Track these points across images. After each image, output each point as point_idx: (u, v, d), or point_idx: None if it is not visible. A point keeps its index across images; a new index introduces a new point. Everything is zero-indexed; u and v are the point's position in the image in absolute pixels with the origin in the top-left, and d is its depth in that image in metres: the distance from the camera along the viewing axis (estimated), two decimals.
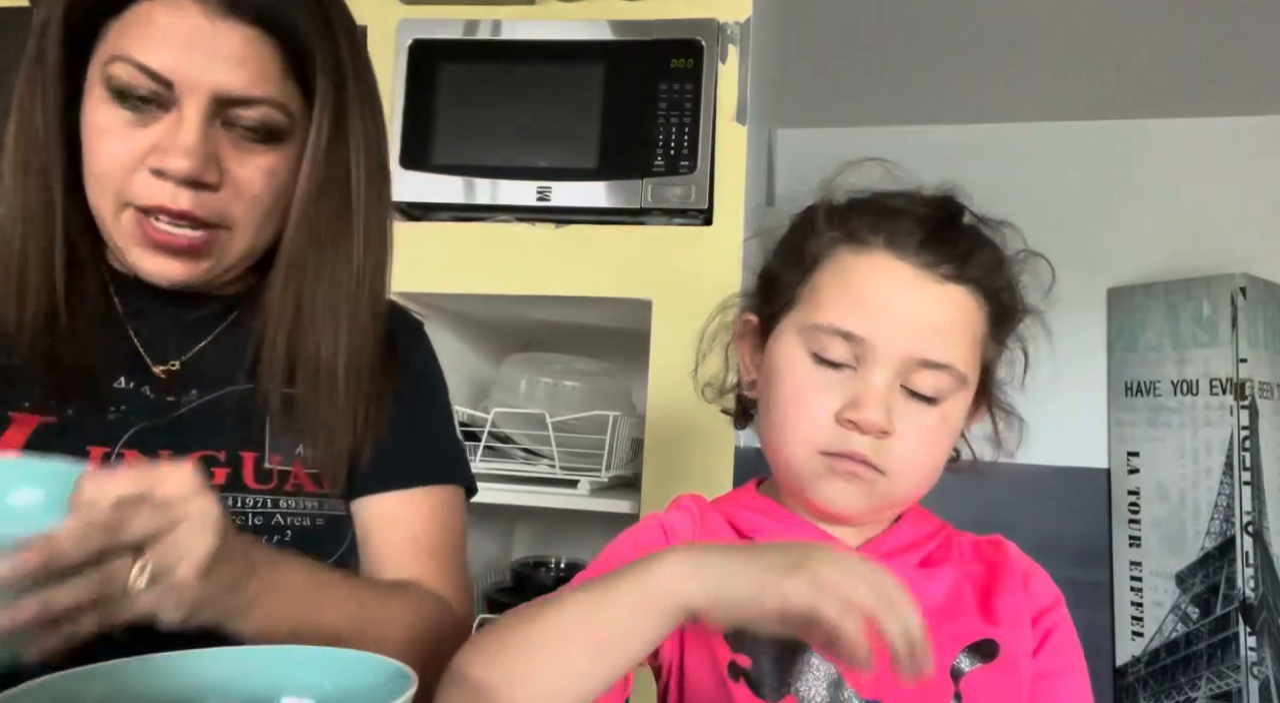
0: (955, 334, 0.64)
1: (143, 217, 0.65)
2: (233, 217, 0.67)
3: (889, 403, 0.63)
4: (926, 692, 0.63)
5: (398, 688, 0.44)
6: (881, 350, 0.63)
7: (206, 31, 0.62)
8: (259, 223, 0.69)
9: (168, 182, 0.63)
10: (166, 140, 0.63)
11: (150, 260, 0.67)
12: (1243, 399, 2.14)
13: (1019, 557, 0.71)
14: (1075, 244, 2.36)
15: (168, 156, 0.63)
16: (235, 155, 0.66)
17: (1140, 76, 2.21)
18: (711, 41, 1.35)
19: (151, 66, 0.62)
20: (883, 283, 0.64)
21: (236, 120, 0.65)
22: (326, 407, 0.71)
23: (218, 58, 0.63)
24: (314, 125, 0.67)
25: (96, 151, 0.65)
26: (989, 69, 2.22)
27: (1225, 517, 2.13)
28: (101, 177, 0.65)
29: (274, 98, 0.65)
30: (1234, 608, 2.08)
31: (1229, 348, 2.17)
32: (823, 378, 0.64)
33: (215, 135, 0.64)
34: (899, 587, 0.51)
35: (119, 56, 0.62)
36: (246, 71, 0.64)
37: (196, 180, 0.64)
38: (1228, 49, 2.05)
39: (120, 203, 0.65)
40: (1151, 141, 2.43)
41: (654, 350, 1.33)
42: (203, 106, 0.63)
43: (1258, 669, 2.05)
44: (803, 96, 2.35)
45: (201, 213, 0.65)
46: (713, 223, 1.35)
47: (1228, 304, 2.19)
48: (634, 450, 1.54)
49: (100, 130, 0.64)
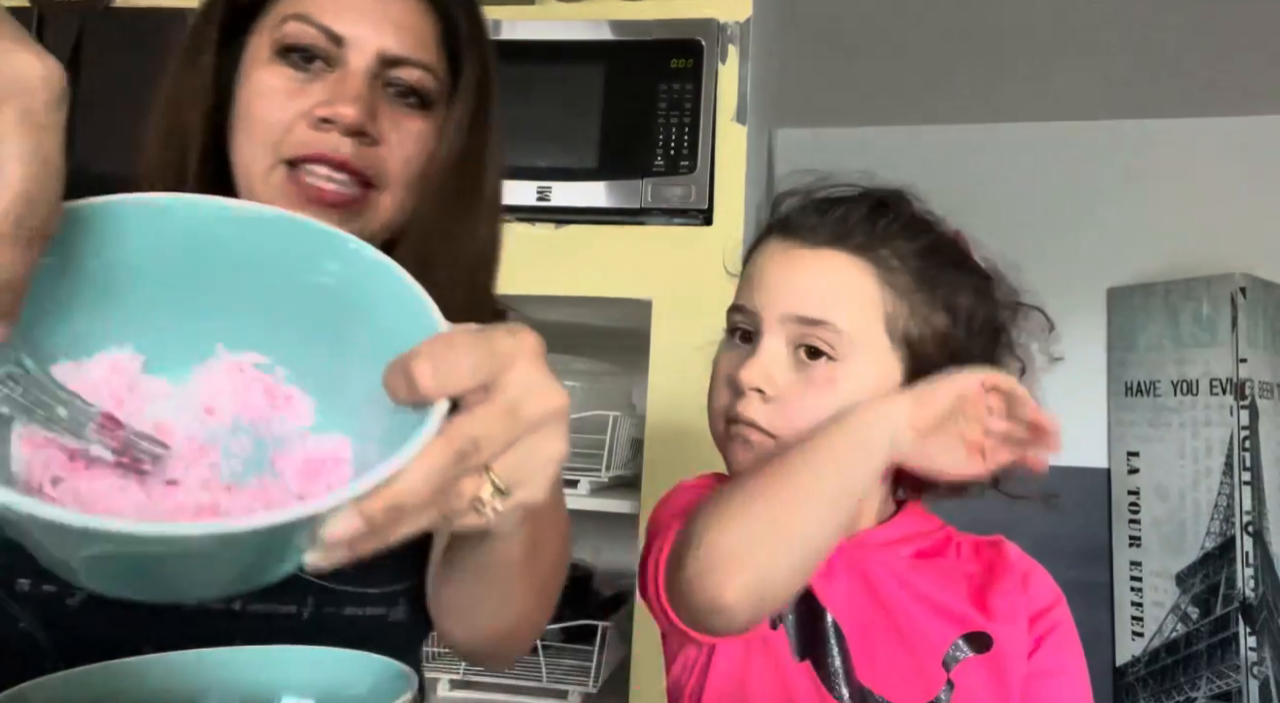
0: (833, 293, 0.68)
1: (295, 172, 0.66)
2: (386, 175, 0.68)
3: (771, 367, 0.68)
4: (920, 679, 0.63)
5: (398, 688, 0.44)
6: (764, 316, 0.69)
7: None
8: (406, 188, 0.69)
9: (330, 132, 0.65)
10: (332, 91, 0.65)
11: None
12: (1243, 399, 2.14)
13: (1020, 557, 0.71)
14: (1075, 244, 2.36)
15: (336, 104, 0.64)
16: (390, 116, 0.67)
17: (1140, 76, 2.21)
18: (711, 41, 1.35)
19: (327, 24, 0.65)
20: (765, 260, 0.72)
21: (394, 81, 0.67)
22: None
23: (387, 21, 0.66)
24: (459, 96, 0.70)
25: (256, 110, 0.66)
26: (989, 69, 2.22)
27: (1225, 517, 2.13)
28: (260, 132, 0.66)
29: (431, 63, 0.68)
30: (1234, 608, 2.08)
31: (1229, 348, 2.17)
32: (734, 354, 0.71)
33: (376, 93, 0.67)
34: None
35: (295, 15, 0.65)
36: (412, 34, 0.67)
37: (360, 130, 0.65)
38: (1227, 49, 2.05)
39: (275, 159, 0.65)
40: (1151, 142, 2.43)
41: (654, 350, 1.33)
42: (370, 63, 0.65)
43: (1258, 669, 2.05)
44: (803, 96, 2.35)
45: (360, 164, 0.66)
46: (713, 223, 1.35)
47: (1228, 304, 2.19)
48: (634, 450, 1.54)
49: (264, 89, 0.66)
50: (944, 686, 0.64)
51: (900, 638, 0.65)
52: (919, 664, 0.65)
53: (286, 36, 0.65)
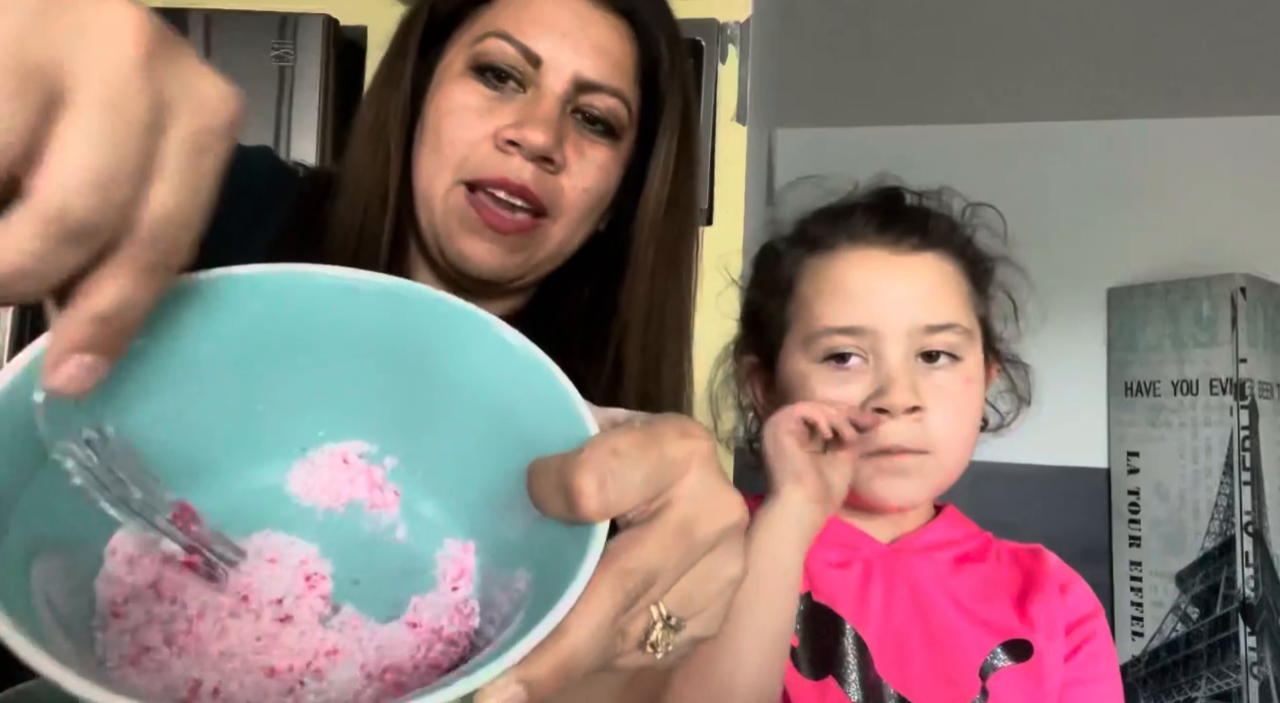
0: (944, 294, 0.66)
1: (474, 195, 0.64)
2: (562, 205, 0.66)
3: (913, 380, 0.64)
4: (953, 687, 0.63)
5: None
6: (886, 331, 0.64)
7: (582, 17, 0.64)
8: (581, 218, 0.68)
9: (515, 155, 0.63)
10: (522, 114, 0.63)
11: (472, 243, 0.65)
12: (1243, 399, 2.14)
13: (1059, 566, 0.71)
14: (1075, 244, 2.36)
15: (525, 128, 0.62)
16: (576, 143, 0.66)
17: (1140, 76, 2.21)
18: (711, 41, 1.35)
19: (526, 43, 0.63)
20: (862, 273, 0.67)
21: (586, 107, 0.66)
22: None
23: (587, 44, 0.64)
24: (664, 134, 0.68)
25: (445, 127, 0.65)
26: (989, 69, 2.22)
27: (1225, 517, 2.13)
28: (445, 150, 0.65)
29: (624, 91, 0.66)
30: (1234, 608, 2.08)
31: (1229, 348, 2.17)
32: (839, 378, 0.66)
33: (565, 118, 0.65)
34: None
35: (494, 32, 0.64)
36: (609, 59, 0.65)
37: (547, 156, 0.63)
38: (1228, 49, 2.05)
39: (457, 178, 0.65)
40: (1151, 142, 2.43)
41: None
42: (564, 87, 0.64)
43: (1258, 669, 2.05)
44: (803, 96, 2.35)
45: (538, 191, 0.64)
46: (713, 223, 1.35)
47: (1228, 304, 2.19)
48: None
49: (454, 106, 0.65)
50: (978, 694, 0.63)
51: (936, 644, 0.65)
52: (954, 671, 0.64)
53: (484, 54, 0.64)
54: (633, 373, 0.69)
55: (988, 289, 0.72)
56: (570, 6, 0.65)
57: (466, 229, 0.65)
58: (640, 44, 0.67)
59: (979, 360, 0.68)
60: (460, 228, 0.66)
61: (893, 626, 0.65)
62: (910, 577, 0.67)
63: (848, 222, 0.68)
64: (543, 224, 0.66)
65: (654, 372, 0.70)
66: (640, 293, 0.69)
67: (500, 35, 0.64)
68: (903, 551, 0.68)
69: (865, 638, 0.65)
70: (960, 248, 0.69)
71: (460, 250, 0.66)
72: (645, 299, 0.69)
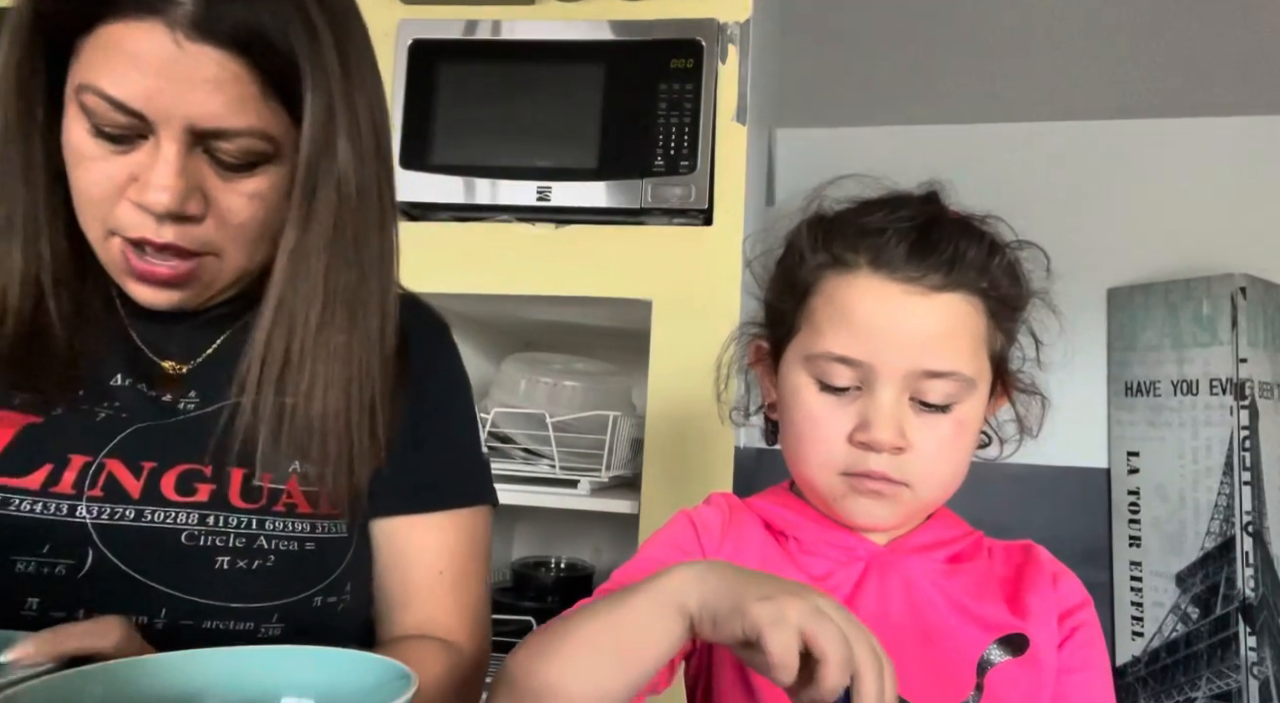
0: (953, 341, 0.64)
1: (128, 246, 0.63)
2: (219, 244, 0.64)
3: (899, 420, 0.63)
4: (949, 685, 0.63)
5: (398, 688, 0.44)
6: (882, 371, 0.63)
7: (177, 57, 0.57)
8: (249, 246, 0.66)
9: (149, 215, 0.61)
10: (145, 173, 0.60)
11: (139, 288, 0.65)
12: (1243, 399, 2.14)
13: (1049, 559, 0.72)
14: (1075, 244, 2.36)
15: (147, 191, 0.60)
16: (219, 183, 0.62)
17: (1140, 76, 2.21)
18: (711, 41, 1.35)
19: (120, 98, 0.58)
20: (873, 305, 0.64)
21: (215, 151, 0.61)
22: (329, 416, 0.67)
23: (191, 86, 0.58)
24: (303, 145, 0.63)
25: (79, 177, 0.62)
26: (989, 69, 2.22)
27: (1225, 517, 2.13)
28: (86, 204, 0.63)
29: (254, 127, 0.61)
30: (1234, 608, 2.08)
31: (1229, 348, 2.17)
32: (831, 402, 0.66)
33: (196, 164, 0.61)
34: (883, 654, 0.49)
35: (88, 86, 0.58)
36: (223, 98, 0.59)
37: (178, 214, 0.61)
38: (1229, 49, 2.05)
39: (106, 230, 0.63)
40: (1151, 142, 2.43)
41: (654, 350, 1.33)
42: (179, 138, 0.59)
43: (1258, 669, 2.05)
44: (803, 96, 2.35)
45: (186, 243, 0.63)
46: (713, 223, 1.35)
47: (1228, 304, 2.19)
48: (634, 450, 1.54)
49: (79, 156, 0.61)
50: (972, 690, 0.64)
51: (932, 644, 0.65)
52: (948, 670, 0.64)
53: (85, 107, 0.59)
54: (272, 365, 0.66)
55: (1013, 327, 0.70)
56: (161, 48, 0.57)
57: (128, 275, 0.65)
58: (259, 64, 0.60)
59: (978, 404, 0.67)
60: (123, 273, 0.65)
61: (888, 626, 0.65)
62: (905, 578, 0.67)
63: (876, 242, 0.65)
64: (207, 262, 0.65)
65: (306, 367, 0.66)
66: (273, 296, 0.66)
67: (95, 91, 0.58)
68: (898, 550, 0.69)
69: None
70: (986, 289, 0.66)
71: (130, 291, 0.66)
72: (281, 306, 0.66)
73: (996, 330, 0.68)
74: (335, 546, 0.69)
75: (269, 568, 0.65)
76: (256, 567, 0.64)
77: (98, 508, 0.62)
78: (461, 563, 0.75)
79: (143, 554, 0.62)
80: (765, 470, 0.74)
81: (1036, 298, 0.72)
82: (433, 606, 0.73)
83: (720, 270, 1.32)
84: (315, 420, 0.66)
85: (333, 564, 0.68)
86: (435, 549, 0.74)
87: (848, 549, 0.69)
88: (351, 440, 0.68)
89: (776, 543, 0.70)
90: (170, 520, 0.63)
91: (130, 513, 0.62)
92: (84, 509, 0.61)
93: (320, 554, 0.67)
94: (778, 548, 0.70)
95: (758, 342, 0.76)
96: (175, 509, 0.63)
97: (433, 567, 0.74)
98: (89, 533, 0.61)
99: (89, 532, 0.61)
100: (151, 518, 0.62)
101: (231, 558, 0.62)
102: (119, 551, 0.61)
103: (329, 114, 0.62)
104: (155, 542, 0.62)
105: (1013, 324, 0.70)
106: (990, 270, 0.66)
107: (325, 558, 0.68)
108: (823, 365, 0.65)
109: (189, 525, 0.63)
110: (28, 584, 0.59)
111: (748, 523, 0.71)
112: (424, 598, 0.73)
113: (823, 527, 0.70)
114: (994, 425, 0.74)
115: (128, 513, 0.62)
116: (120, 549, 0.61)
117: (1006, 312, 0.68)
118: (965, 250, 0.65)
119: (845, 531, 0.69)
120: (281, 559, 0.65)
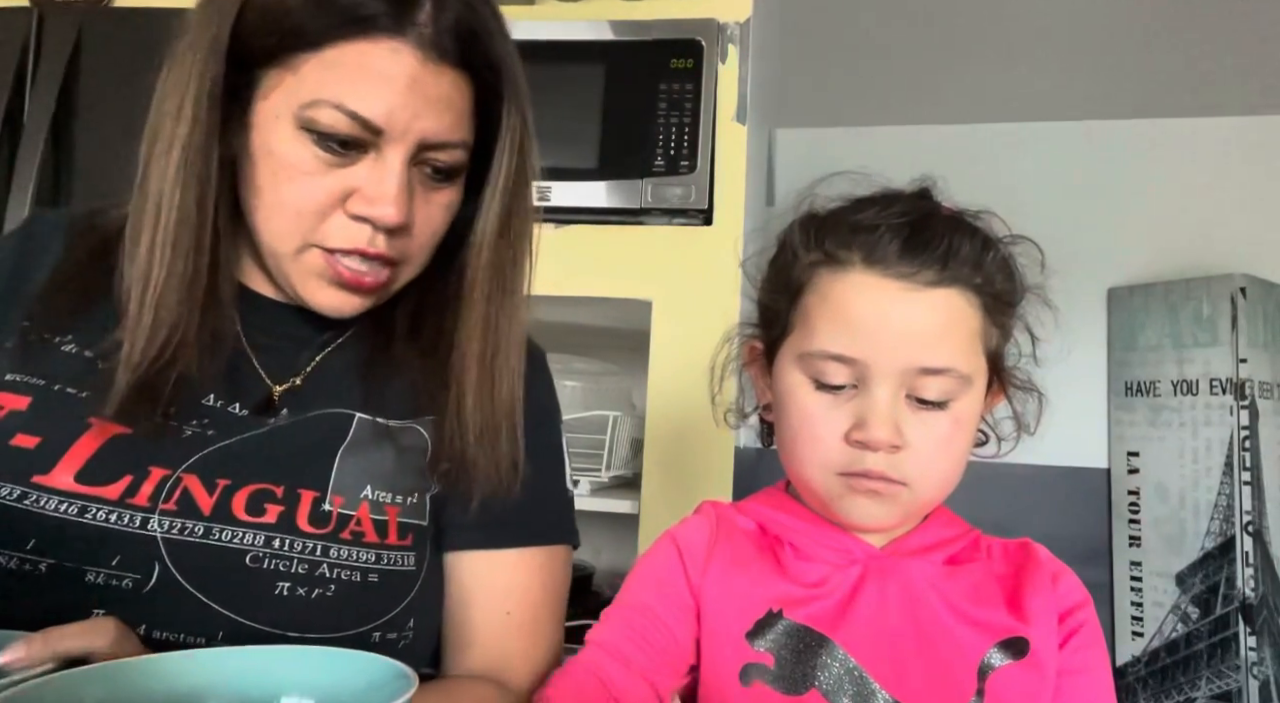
0: (949, 337, 0.64)
1: (331, 256, 0.64)
2: (411, 253, 0.67)
3: (895, 418, 0.63)
4: (950, 690, 0.63)
5: (398, 688, 0.44)
6: (878, 368, 0.63)
7: (421, 78, 0.61)
8: (425, 255, 0.68)
9: (367, 226, 0.63)
10: (371, 187, 0.61)
11: (329, 294, 0.66)
12: (1243, 399, 2.14)
13: (1049, 558, 0.71)
14: (1075, 244, 2.36)
15: (375, 205, 0.61)
16: (422, 194, 0.65)
17: (1140, 76, 2.21)
18: (711, 41, 1.35)
19: (365, 114, 0.60)
20: (867, 302, 0.64)
21: (431, 161, 0.64)
22: (490, 449, 0.68)
23: (428, 102, 0.61)
24: (504, 163, 0.66)
25: (285, 190, 0.62)
26: (988, 69, 2.22)
27: (1225, 517, 2.13)
28: (290, 214, 0.63)
29: (465, 140, 0.65)
30: (1234, 608, 2.08)
31: (1229, 348, 2.17)
32: (826, 401, 0.65)
33: (410, 177, 0.64)
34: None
35: (326, 101, 0.60)
36: (453, 114, 0.63)
37: (402, 227, 0.63)
38: (1228, 49, 2.05)
39: (305, 243, 0.64)
40: (1151, 141, 2.43)
41: (654, 350, 1.33)
42: (408, 153, 0.62)
43: (1258, 669, 2.05)
44: (803, 96, 2.35)
45: (394, 253, 0.65)
46: (713, 223, 1.35)
47: (1228, 304, 2.19)
48: (634, 450, 1.54)
49: (291, 169, 0.62)
50: (973, 695, 0.63)
51: (930, 647, 0.65)
52: (948, 674, 0.64)
53: (316, 122, 0.60)
54: (471, 401, 0.69)
55: (1008, 323, 0.69)
56: (409, 69, 0.60)
57: (324, 282, 0.65)
58: (478, 84, 0.65)
59: (974, 400, 0.67)
60: (318, 282, 0.66)
61: (886, 630, 0.65)
62: (904, 580, 0.67)
63: (869, 238, 0.65)
64: (398, 270, 0.67)
65: (488, 397, 0.70)
66: (475, 321, 0.69)
67: (335, 106, 0.60)
68: (896, 552, 0.68)
69: (856, 645, 0.64)
70: (981, 284, 0.66)
71: (314, 300, 0.66)
72: (481, 328, 0.69)
73: (991, 326, 0.67)
74: (400, 578, 0.66)
75: (328, 598, 0.62)
76: (316, 596, 0.62)
77: (169, 522, 0.60)
78: (533, 605, 0.72)
79: (206, 573, 0.60)
80: (765, 470, 0.74)
81: (1031, 293, 0.72)
82: (497, 650, 0.70)
83: (720, 270, 1.32)
84: (489, 448, 0.69)
85: (396, 599, 0.66)
86: (505, 589, 0.71)
87: (845, 552, 0.68)
88: (501, 468, 0.70)
89: (769, 553, 0.70)
90: (237, 540, 0.61)
91: (200, 530, 0.61)
92: (155, 523, 0.60)
93: (383, 587, 0.65)
94: (770, 559, 0.69)
95: (752, 342, 0.75)
96: (243, 529, 0.62)
97: (500, 608, 0.71)
98: (158, 547, 0.60)
99: (158, 546, 0.60)
100: (219, 537, 0.61)
101: (292, 584, 0.61)
102: (184, 568, 0.60)
103: (524, 134, 0.67)
104: (220, 561, 0.60)
105: (1008, 320, 0.69)
106: (984, 266, 0.66)
107: (388, 591, 0.65)
108: (817, 364, 0.65)
109: (254, 547, 0.61)
110: (95, 596, 0.58)
111: (737, 534, 0.71)
112: (488, 640, 0.70)
113: (819, 529, 0.69)
114: (991, 423, 0.74)
115: (197, 530, 0.61)
116: (186, 566, 0.60)
117: (1001, 307, 0.68)
118: (958, 246, 0.65)
119: (842, 532, 0.69)
120: (341, 589, 0.63)
